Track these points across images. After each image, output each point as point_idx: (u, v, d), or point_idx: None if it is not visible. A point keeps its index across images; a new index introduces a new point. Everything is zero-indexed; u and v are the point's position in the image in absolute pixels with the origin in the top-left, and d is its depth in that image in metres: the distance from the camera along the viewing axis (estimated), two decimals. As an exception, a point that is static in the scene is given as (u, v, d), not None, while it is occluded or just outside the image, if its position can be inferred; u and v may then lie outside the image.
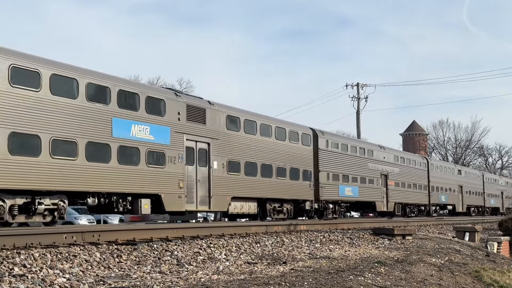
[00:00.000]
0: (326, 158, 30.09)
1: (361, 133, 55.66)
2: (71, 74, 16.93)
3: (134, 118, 18.69)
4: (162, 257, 11.19)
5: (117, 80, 18.73)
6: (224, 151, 22.70)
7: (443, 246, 18.04)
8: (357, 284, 9.57)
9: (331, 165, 30.49)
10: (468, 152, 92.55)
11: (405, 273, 11.70)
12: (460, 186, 50.87)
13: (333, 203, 30.55)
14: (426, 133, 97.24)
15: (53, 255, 10.10)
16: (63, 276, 8.65)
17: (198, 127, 21.44)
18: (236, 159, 23.35)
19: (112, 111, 17.94)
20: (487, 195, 58.09)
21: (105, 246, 11.54)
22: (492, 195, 59.95)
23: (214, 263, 11.02)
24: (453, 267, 14.06)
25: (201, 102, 22.17)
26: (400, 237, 18.82)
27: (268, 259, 12.00)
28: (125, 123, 18.35)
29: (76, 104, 16.87)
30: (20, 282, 7.90)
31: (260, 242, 14.64)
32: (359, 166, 33.58)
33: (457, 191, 50.26)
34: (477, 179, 56.56)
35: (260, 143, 24.98)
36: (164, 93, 20.78)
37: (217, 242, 13.64)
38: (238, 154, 23.44)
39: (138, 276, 9.11)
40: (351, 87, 57.20)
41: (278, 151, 26.00)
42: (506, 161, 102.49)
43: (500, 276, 14.90)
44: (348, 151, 32.67)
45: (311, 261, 12.03)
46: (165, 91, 21.29)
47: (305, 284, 8.93)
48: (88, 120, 17.18)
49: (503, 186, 65.62)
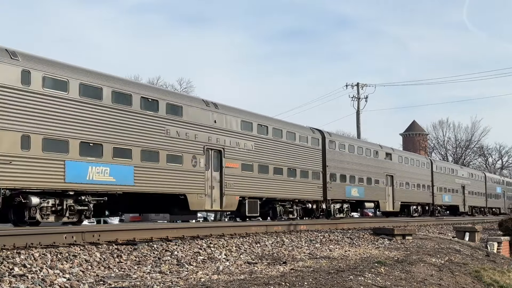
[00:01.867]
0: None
1: (361, 133, 55.71)
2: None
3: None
4: (162, 257, 11.19)
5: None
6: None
7: (443, 246, 18.04)
8: (357, 284, 9.57)
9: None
10: (468, 152, 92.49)
11: (405, 273, 11.70)
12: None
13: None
14: (426, 133, 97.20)
15: (53, 255, 10.10)
16: (63, 276, 8.65)
17: None
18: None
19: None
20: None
21: (105, 246, 11.54)
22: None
23: (214, 263, 11.01)
24: (453, 267, 14.06)
25: None
26: (400, 237, 18.83)
27: (268, 259, 12.00)
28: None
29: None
30: (20, 282, 7.90)
31: (260, 242, 14.64)
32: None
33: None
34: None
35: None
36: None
37: (217, 242, 13.64)
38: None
39: (138, 276, 9.11)
40: (351, 87, 57.19)
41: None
42: (506, 161, 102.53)
43: (500, 276, 14.90)
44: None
45: (311, 261, 12.03)
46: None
47: (305, 284, 8.93)
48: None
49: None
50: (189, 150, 20.38)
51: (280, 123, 27.10)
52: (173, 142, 19.74)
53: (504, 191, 64.12)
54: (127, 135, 17.99)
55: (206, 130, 21.39)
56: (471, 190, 52.05)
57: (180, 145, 20.07)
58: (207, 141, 21.32)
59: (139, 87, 19.32)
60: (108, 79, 17.87)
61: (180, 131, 20.12)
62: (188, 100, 21.36)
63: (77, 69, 17.01)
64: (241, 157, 23.12)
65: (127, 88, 18.36)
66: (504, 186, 64.88)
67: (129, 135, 18.04)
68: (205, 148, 21.18)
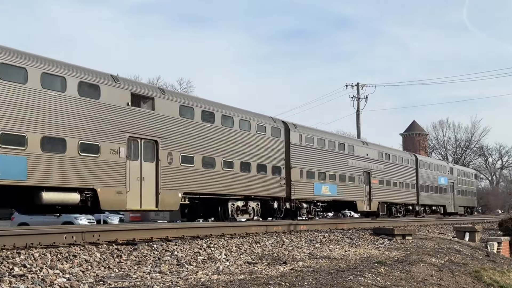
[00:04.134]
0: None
1: (361, 133, 55.76)
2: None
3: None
4: (162, 257, 11.19)
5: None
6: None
7: (443, 246, 18.04)
8: (357, 284, 9.57)
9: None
10: (468, 152, 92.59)
11: (405, 273, 11.70)
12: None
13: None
14: (426, 133, 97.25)
15: (53, 255, 10.10)
16: (63, 276, 8.65)
17: None
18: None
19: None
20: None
21: (105, 246, 11.54)
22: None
23: (214, 263, 11.01)
24: (453, 267, 14.06)
25: None
26: (400, 237, 18.84)
27: (268, 259, 12.00)
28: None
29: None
30: (20, 282, 7.90)
31: (260, 242, 14.65)
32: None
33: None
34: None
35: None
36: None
37: (217, 242, 13.65)
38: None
39: (138, 276, 9.11)
40: (351, 87, 57.24)
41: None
42: (506, 161, 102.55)
43: (500, 276, 14.91)
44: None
45: (311, 261, 12.03)
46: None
47: (305, 284, 8.93)
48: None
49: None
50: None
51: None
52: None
53: (453, 183, 49.11)
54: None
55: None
56: (382, 179, 36.71)
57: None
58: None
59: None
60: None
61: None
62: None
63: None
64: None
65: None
66: (452, 176, 49.69)
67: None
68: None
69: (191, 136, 21.09)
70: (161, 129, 19.74)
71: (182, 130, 20.75)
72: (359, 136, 54.95)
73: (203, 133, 21.77)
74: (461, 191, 38.31)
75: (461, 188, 36.96)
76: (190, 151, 20.95)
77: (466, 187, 40.21)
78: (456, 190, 41.94)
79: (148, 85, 23.86)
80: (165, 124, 19.96)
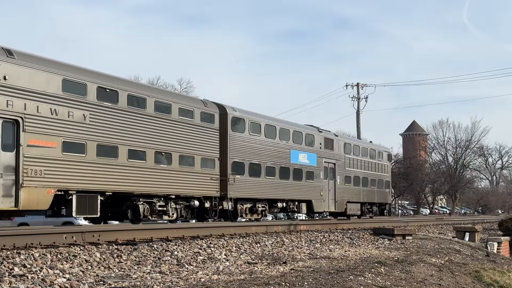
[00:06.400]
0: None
1: (361, 133, 55.76)
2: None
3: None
4: (162, 257, 11.19)
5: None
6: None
7: (443, 246, 18.04)
8: (357, 284, 9.57)
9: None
10: (468, 152, 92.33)
11: (405, 273, 11.70)
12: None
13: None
14: (426, 133, 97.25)
15: (53, 255, 10.10)
16: (63, 276, 8.65)
17: None
18: None
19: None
20: None
21: (105, 246, 11.54)
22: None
23: (214, 263, 11.01)
24: (453, 267, 14.06)
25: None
26: (400, 237, 18.85)
27: (268, 259, 12.00)
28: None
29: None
30: (20, 282, 7.90)
31: (260, 242, 14.65)
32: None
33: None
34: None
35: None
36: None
37: (217, 242, 13.65)
38: None
39: (138, 276, 9.11)
40: (351, 87, 57.30)
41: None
42: (506, 161, 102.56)
43: (500, 276, 14.90)
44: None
45: (311, 261, 12.03)
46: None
47: (305, 284, 8.93)
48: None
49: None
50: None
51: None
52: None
53: (333, 164, 31.33)
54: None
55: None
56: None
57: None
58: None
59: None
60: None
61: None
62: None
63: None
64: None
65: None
66: (331, 153, 31.20)
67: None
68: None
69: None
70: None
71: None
72: (359, 136, 54.94)
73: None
74: (354, 179, 30.51)
75: (354, 173, 29.98)
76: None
77: (367, 172, 31.60)
78: (342, 177, 30.32)
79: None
80: None
